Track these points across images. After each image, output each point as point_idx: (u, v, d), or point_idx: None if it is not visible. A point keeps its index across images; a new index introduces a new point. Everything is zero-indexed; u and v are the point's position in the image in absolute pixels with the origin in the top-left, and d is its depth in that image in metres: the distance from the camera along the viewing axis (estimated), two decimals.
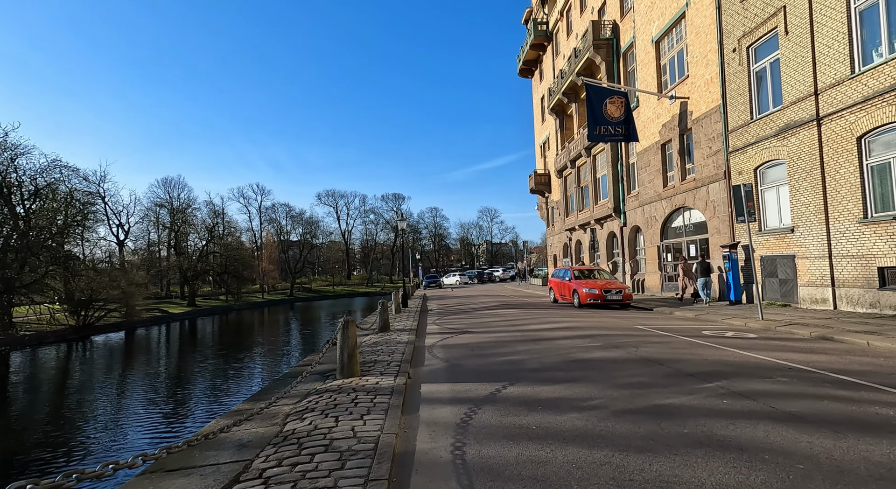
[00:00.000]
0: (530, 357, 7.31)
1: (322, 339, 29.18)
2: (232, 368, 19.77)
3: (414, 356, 7.97)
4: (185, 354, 25.56)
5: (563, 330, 10.42)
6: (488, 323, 12.82)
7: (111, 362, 23.78)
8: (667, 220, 20.28)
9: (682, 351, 7.30)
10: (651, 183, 21.19)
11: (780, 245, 13.38)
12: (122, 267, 48.82)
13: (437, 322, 13.82)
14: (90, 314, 38.48)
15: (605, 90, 19.60)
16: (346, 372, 6.33)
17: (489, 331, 11.09)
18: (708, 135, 16.79)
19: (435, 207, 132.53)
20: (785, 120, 12.97)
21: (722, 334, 9.21)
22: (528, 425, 4.13)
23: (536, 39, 37.36)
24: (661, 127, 20.21)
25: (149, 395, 15.56)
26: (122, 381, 18.41)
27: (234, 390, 15.52)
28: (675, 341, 8.34)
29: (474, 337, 10.10)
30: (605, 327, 10.66)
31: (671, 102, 19.20)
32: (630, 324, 11.36)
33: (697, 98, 17.37)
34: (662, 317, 13.36)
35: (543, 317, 13.65)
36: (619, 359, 6.82)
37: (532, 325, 11.73)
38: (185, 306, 57.13)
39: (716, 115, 16.26)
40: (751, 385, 5.08)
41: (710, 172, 16.79)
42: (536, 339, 9.18)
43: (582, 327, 10.75)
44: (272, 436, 4.16)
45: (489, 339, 9.59)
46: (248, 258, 67.14)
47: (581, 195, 30.64)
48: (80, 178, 46.38)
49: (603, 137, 19.98)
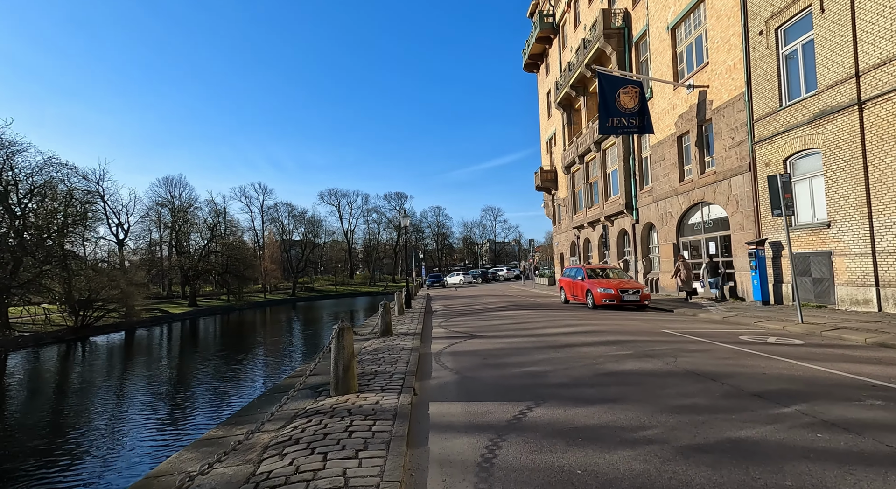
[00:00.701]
0: (553, 368, 6.36)
1: (324, 340, 28.29)
2: (230, 371, 18.90)
3: (419, 366, 7.04)
4: (182, 356, 24.71)
5: (583, 334, 9.47)
6: (498, 326, 11.88)
7: (107, 364, 22.95)
8: (683, 216, 19.28)
9: (729, 362, 6.34)
10: (666, 177, 20.18)
11: (814, 241, 12.38)
12: (122, 266, 48.08)
13: (443, 325, 12.89)
14: (89, 314, 37.76)
15: (619, 79, 18.60)
16: (341, 387, 5.41)
17: (501, 335, 10.15)
18: (730, 125, 15.79)
19: (438, 206, 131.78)
20: (820, 105, 11.97)
21: (763, 340, 8.24)
22: (571, 468, 3.20)
23: (542, 32, 36.34)
24: (677, 118, 19.20)
25: (143, 399, 14.81)
26: (116, 385, 17.60)
27: (231, 393, 14.67)
28: (716, 349, 7.37)
29: (485, 342, 9.16)
30: (629, 332, 9.71)
31: (689, 92, 18.19)
32: (654, 327, 10.39)
33: (718, 86, 16.36)
34: (687, 319, 12.39)
35: (558, 320, 12.70)
36: (659, 371, 5.86)
37: (547, 329, 10.79)
38: (185, 306, 56.38)
39: (739, 103, 15.26)
40: (839, 410, 4.12)
41: (732, 165, 15.78)
42: (556, 346, 8.24)
43: (603, 331, 9.80)
44: (241, 482, 3.23)
45: (502, 345, 8.65)
46: (249, 258, 66.38)
47: (590, 191, 29.64)
48: (79, 177, 45.77)
49: (615, 129, 18.99)
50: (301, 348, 25.54)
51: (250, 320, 47.64)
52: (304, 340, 29.45)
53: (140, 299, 42.29)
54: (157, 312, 49.13)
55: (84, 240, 43.63)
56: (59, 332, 33.93)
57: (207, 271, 62.02)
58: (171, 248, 64.00)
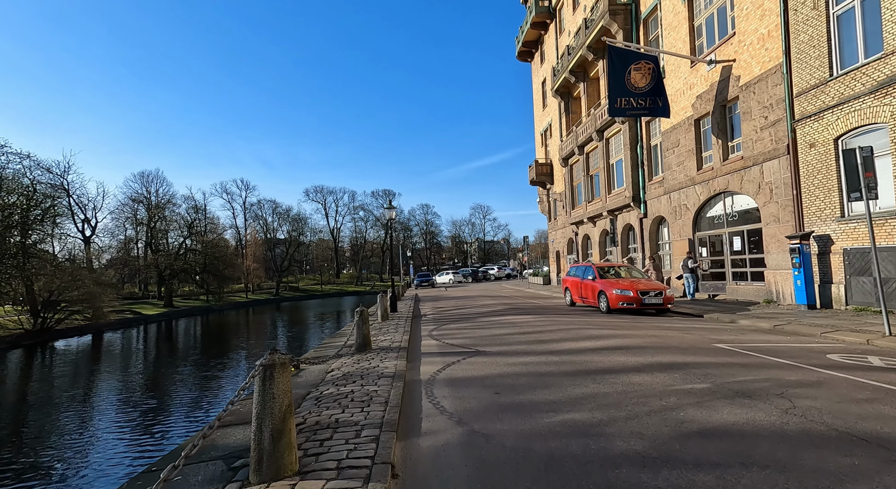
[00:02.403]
0: (607, 417, 4.19)
1: (309, 342, 25.89)
2: (192, 385, 16.54)
3: (403, 408, 4.84)
4: (145, 364, 22.17)
5: (617, 352, 7.33)
6: (503, 336, 9.70)
7: (61, 372, 20.38)
8: (701, 208, 17.29)
9: (869, 407, 4.22)
10: (681, 166, 18.18)
11: (880, 233, 10.38)
12: (89, 265, 45.03)
13: (435, 334, 10.69)
14: (49, 316, 34.91)
15: (632, 53, 16.54)
16: (266, 468, 3.16)
17: (509, 350, 7.98)
18: (762, 102, 13.79)
19: (426, 204, 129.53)
20: (888, 71, 9.98)
21: (863, 361, 6.17)
22: None
23: (538, 17, 34.23)
24: (694, 99, 17.19)
25: (89, 414, 12.50)
26: (64, 397, 15.20)
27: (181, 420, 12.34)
28: (823, 379, 5.23)
29: (492, 362, 6.98)
30: (675, 347, 7.59)
31: (709, 68, 16.19)
32: (701, 340, 8.30)
33: (748, 59, 14.36)
34: (729, 327, 10.32)
35: (574, 328, 10.55)
36: (788, 430, 3.67)
37: (567, 342, 8.64)
38: (161, 307, 53.47)
39: (775, 76, 13.26)
40: None
41: (764, 148, 13.80)
42: (590, 371, 6.08)
43: (641, 346, 7.67)
44: None
45: (516, 369, 6.48)
46: (230, 256, 63.44)
47: (590, 184, 27.61)
48: (42, 170, 42.82)
49: (624, 111, 16.96)
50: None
51: (229, 322, 45.00)
52: (284, 343, 26.99)
53: (107, 300, 39.35)
54: (129, 314, 46.26)
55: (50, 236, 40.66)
56: (14, 337, 31.10)
57: (184, 270, 59.05)
58: (147, 247, 60.82)
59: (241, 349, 25.76)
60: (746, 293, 15.08)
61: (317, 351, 8.98)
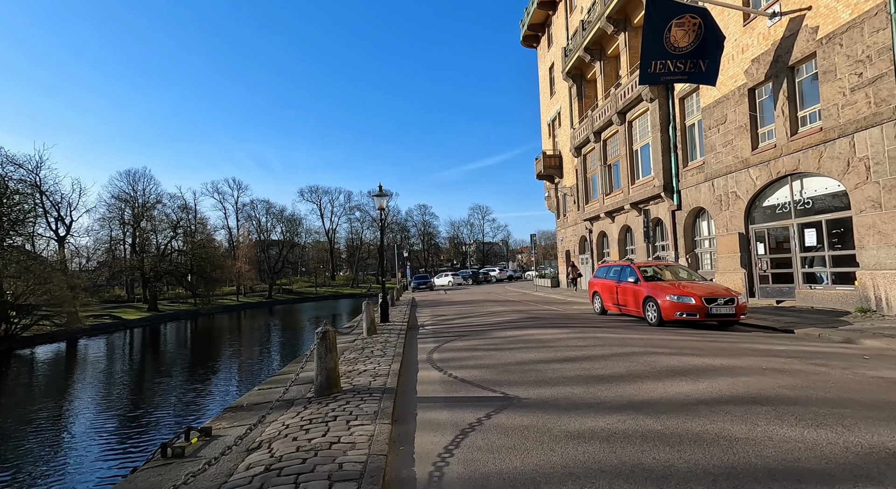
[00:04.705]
0: None
1: (303, 349, 22.77)
2: (164, 402, 13.54)
3: None
4: (111, 376, 19.08)
5: (755, 409, 4.32)
6: (537, 366, 6.67)
7: (26, 384, 17.33)
8: (757, 196, 14.31)
9: None
10: (729, 146, 15.20)
11: None
12: (63, 266, 41.85)
13: (437, 358, 7.67)
14: (14, 322, 31.82)
15: (675, 5, 13.54)
16: None
17: (560, 399, 4.95)
18: (854, 55, 10.81)
19: (424, 204, 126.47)
20: None
21: None
22: None
23: None
24: (748, 64, 14.22)
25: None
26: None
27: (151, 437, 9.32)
28: None
29: (539, 428, 3.98)
30: (824, 391, 4.59)
31: (771, 23, 13.22)
32: (846, 377, 5.30)
33: (831, 2, 11.39)
34: (850, 350, 7.31)
35: (633, 352, 7.47)
36: None
37: (642, 381, 5.61)
38: (144, 311, 50.28)
39: (875, 19, 10.28)
40: None
41: (857, 114, 10.82)
42: (744, 470, 3.08)
43: (779, 397, 4.64)
44: None
45: (593, 453, 3.46)
46: (219, 257, 60.21)
47: (608, 175, 24.58)
48: (14, 165, 39.88)
49: (659, 77, 14.03)
50: (260, 365, 20.05)
51: (217, 326, 41.95)
52: (276, 352, 23.91)
53: (79, 304, 36.20)
54: (108, 319, 43.13)
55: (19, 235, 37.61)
56: None
57: (169, 272, 55.91)
58: (133, 248, 57.62)
59: (218, 359, 22.70)
60: (826, 299, 12.08)
61: (261, 391, 5.94)
